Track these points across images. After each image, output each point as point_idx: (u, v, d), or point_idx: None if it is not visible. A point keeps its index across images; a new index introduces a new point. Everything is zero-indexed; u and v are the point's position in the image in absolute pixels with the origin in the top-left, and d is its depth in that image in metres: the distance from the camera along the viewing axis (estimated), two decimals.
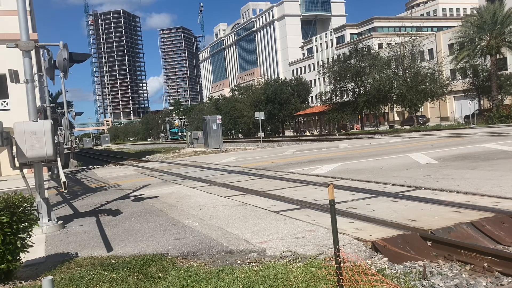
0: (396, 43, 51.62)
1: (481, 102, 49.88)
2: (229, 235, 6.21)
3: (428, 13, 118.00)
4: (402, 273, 4.27)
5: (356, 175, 11.05)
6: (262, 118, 42.08)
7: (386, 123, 72.12)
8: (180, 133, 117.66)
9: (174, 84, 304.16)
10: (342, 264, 3.46)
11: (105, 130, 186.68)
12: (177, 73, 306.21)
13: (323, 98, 64.54)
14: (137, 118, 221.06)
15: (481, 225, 5.44)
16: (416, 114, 52.55)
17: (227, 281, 4.23)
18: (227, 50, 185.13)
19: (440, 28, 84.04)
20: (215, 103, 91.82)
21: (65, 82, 25.08)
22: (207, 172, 16.10)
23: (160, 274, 4.61)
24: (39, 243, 6.42)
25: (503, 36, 42.00)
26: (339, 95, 60.50)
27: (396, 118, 72.11)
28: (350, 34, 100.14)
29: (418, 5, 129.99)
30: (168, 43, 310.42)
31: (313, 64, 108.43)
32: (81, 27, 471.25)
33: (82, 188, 14.93)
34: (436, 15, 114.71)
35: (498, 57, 43.20)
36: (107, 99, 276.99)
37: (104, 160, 36.89)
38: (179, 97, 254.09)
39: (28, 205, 4.94)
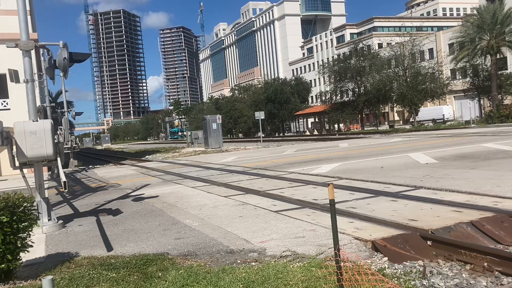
0: (396, 43, 51.54)
1: (481, 102, 49.85)
2: (229, 235, 6.21)
3: (428, 13, 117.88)
4: (402, 272, 4.27)
5: (356, 175, 11.05)
6: (262, 117, 42.03)
7: (386, 122, 72.10)
8: (180, 133, 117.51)
9: (174, 83, 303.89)
10: (342, 263, 3.46)
11: (105, 130, 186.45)
12: (177, 72, 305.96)
13: (323, 98, 64.50)
14: (137, 117, 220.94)
15: (481, 225, 5.44)
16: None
17: (227, 280, 4.22)
18: (227, 49, 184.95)
19: (440, 28, 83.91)
20: (215, 102, 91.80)
21: (65, 82, 25.04)
22: (207, 172, 16.10)
23: (160, 274, 4.61)
24: (39, 242, 6.42)
25: (503, 35, 41.97)
26: (339, 95, 60.47)
27: (396, 118, 72.09)
28: (350, 33, 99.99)
29: (418, 4, 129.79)
30: (168, 42, 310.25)
31: (313, 63, 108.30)
32: (81, 27, 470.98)
33: (82, 187, 14.93)
34: (436, 15, 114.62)
35: (498, 56, 43.18)
36: (107, 98, 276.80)
37: (104, 160, 36.85)
38: (179, 96, 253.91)
39: (28, 204, 4.94)
